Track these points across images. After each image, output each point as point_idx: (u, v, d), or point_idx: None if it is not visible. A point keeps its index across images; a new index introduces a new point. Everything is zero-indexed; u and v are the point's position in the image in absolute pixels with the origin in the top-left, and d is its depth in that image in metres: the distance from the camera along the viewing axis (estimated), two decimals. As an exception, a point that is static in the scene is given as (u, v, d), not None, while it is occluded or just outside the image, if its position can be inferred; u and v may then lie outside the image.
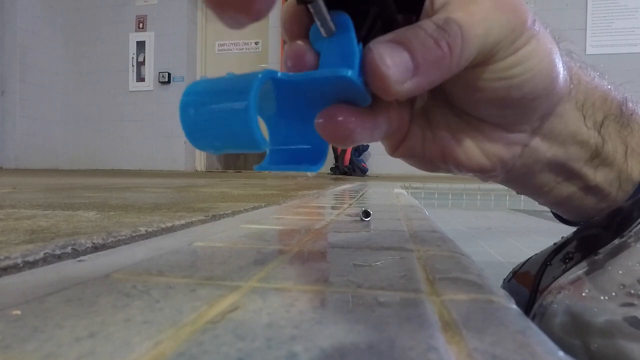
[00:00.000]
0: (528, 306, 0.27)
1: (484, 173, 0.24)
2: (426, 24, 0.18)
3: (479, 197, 2.18)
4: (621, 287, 0.21)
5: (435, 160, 0.24)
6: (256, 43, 4.27)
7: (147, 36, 4.42)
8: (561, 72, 0.21)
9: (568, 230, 0.30)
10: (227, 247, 0.27)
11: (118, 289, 0.18)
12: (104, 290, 0.17)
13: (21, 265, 0.22)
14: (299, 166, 0.20)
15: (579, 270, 0.24)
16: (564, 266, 0.26)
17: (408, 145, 0.24)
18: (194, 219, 0.42)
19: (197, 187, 1.19)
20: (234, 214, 0.49)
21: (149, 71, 4.38)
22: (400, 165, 3.70)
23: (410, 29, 0.18)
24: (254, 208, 0.55)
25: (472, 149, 0.23)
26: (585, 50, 3.24)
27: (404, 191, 1.24)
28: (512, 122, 0.23)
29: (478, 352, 0.12)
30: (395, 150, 0.25)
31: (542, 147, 0.24)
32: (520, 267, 0.32)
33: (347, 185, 1.49)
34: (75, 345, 0.12)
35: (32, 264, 0.23)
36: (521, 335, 0.13)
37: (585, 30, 3.30)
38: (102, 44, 4.48)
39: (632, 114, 0.25)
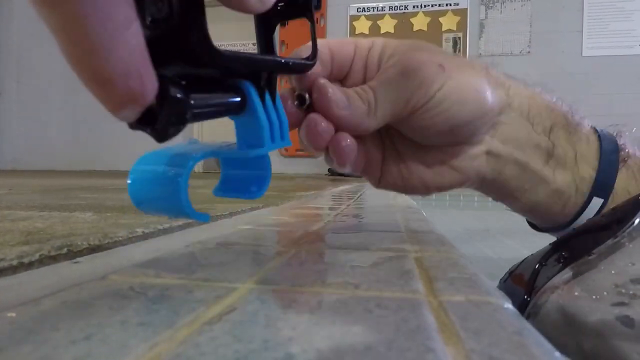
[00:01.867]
0: (523, 306, 0.27)
1: (462, 185, 0.29)
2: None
3: (476, 198, 2.18)
4: (614, 286, 0.22)
5: (419, 188, 0.29)
6: (254, 44, 4.27)
7: (145, 37, 4.40)
8: (489, 93, 0.26)
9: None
10: (225, 248, 0.27)
11: (114, 290, 0.17)
12: (100, 292, 0.17)
13: (16, 266, 0.22)
14: (244, 194, 0.24)
15: (572, 270, 0.24)
16: (559, 266, 0.26)
17: (388, 179, 0.29)
18: (191, 220, 0.42)
19: (194, 188, 1.18)
20: (231, 215, 0.49)
21: (147, 72, 4.36)
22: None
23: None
24: (252, 209, 0.55)
25: (444, 170, 0.28)
26: (581, 53, 3.24)
27: (401, 192, 1.23)
28: (464, 139, 0.27)
29: (475, 353, 0.12)
30: (378, 183, 0.30)
31: (504, 151, 0.28)
32: (516, 268, 0.32)
33: (345, 186, 1.49)
34: (71, 348, 0.12)
35: (28, 266, 0.23)
36: (518, 336, 0.13)
37: (582, 32, 3.31)
38: (99, 44, 4.47)
39: (578, 124, 0.29)
